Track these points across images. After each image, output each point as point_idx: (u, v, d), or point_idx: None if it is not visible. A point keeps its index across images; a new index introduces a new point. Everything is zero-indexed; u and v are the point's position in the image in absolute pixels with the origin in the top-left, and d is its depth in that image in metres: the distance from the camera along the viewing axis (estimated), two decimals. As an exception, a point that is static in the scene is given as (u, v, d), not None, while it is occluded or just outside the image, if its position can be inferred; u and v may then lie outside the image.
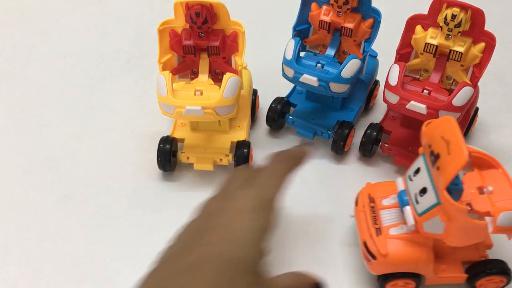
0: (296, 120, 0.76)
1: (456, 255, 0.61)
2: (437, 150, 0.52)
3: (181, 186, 0.73)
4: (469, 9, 0.63)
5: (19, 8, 1.03)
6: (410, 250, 0.57)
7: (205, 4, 0.66)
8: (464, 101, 0.63)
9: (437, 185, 0.52)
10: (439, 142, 0.52)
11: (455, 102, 0.63)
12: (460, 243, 0.55)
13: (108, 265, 0.65)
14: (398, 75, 0.66)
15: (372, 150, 0.74)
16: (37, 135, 0.80)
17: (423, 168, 0.55)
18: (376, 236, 0.58)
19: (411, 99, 0.64)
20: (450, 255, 0.60)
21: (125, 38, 0.70)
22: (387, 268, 0.59)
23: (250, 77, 0.80)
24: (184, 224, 0.46)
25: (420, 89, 0.67)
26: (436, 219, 0.53)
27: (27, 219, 0.69)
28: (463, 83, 0.64)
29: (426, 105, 0.63)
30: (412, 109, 0.64)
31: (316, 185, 0.73)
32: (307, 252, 0.66)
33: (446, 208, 0.51)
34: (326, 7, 0.72)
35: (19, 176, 0.74)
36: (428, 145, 0.54)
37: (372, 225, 0.59)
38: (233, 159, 0.71)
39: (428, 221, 0.54)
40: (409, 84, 0.68)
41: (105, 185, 0.73)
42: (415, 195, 0.56)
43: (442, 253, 0.60)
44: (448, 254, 0.60)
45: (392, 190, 0.61)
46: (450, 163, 0.50)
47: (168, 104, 0.65)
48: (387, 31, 0.77)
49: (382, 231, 0.58)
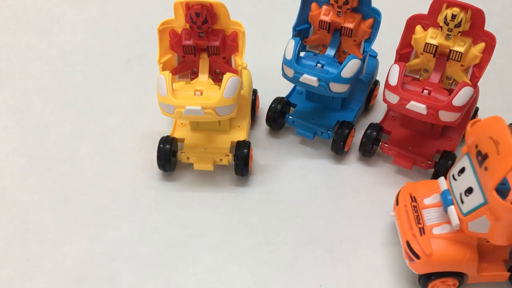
0: (296, 120, 0.76)
1: (498, 253, 0.61)
2: (485, 150, 0.52)
3: (181, 186, 0.73)
4: (469, 9, 0.63)
5: (19, 8, 1.03)
6: (455, 249, 0.57)
7: (205, 4, 0.66)
8: (464, 101, 0.63)
9: (484, 185, 0.53)
10: (487, 142, 0.52)
11: (455, 102, 0.63)
12: (505, 241, 0.56)
13: (108, 265, 0.65)
14: (398, 75, 0.66)
15: (372, 150, 0.74)
16: (37, 135, 0.80)
17: (469, 168, 0.56)
18: (420, 236, 0.58)
19: (411, 99, 0.64)
20: (492, 253, 0.61)
21: (125, 38, 0.70)
22: (431, 268, 0.59)
23: (250, 77, 0.80)
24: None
25: (420, 89, 0.67)
26: (482, 218, 0.53)
27: (27, 219, 0.69)
28: (463, 83, 0.64)
29: (426, 105, 0.63)
30: (412, 109, 0.64)
31: (316, 185, 0.73)
32: (307, 252, 0.66)
33: (494, 207, 0.52)
34: (326, 7, 0.72)
35: (19, 176, 0.74)
36: (475, 145, 0.55)
37: (415, 224, 0.59)
38: (233, 159, 0.71)
39: (474, 220, 0.54)
40: (409, 84, 0.68)
41: (105, 185, 0.73)
42: (460, 195, 0.56)
43: (484, 252, 0.60)
44: (490, 252, 0.61)
45: (433, 189, 0.61)
46: (500, 163, 0.50)
47: (168, 104, 0.65)
48: (387, 31, 0.77)
49: (425, 230, 0.59)
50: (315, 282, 0.63)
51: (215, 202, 0.71)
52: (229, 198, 0.72)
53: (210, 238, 0.67)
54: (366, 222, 0.69)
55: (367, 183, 0.73)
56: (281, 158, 0.77)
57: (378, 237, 0.67)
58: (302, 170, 0.75)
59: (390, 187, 0.72)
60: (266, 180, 0.74)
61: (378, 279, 0.63)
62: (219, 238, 0.67)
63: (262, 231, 0.68)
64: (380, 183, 0.73)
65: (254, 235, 0.68)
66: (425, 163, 0.71)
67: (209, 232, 0.68)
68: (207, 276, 0.64)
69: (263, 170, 0.75)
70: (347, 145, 0.75)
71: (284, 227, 0.68)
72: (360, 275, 0.64)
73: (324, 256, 0.65)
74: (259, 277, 0.63)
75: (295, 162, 0.76)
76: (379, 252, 0.66)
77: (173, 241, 0.67)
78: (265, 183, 0.73)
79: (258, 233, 0.68)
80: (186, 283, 0.63)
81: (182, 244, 0.67)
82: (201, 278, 0.63)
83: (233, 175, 0.73)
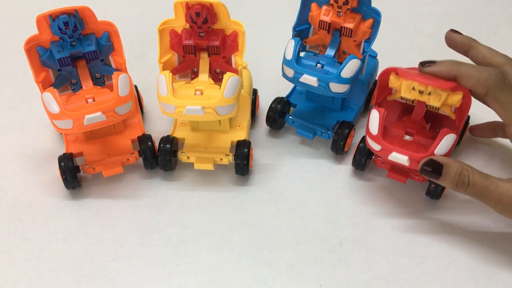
0: (296, 120, 0.76)
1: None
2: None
3: (181, 186, 0.73)
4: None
5: (19, 8, 1.03)
6: None
7: (205, 4, 0.66)
8: (447, 149, 0.62)
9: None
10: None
11: (438, 152, 0.62)
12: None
13: (108, 265, 0.65)
14: (379, 123, 0.64)
15: (366, 164, 0.73)
16: (37, 135, 0.80)
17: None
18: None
19: (392, 150, 0.63)
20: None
21: (125, 38, 0.70)
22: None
23: (250, 76, 0.80)
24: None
25: (402, 132, 0.67)
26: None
27: (27, 219, 0.69)
28: (445, 131, 0.63)
29: (408, 156, 0.62)
30: (394, 160, 0.63)
31: (316, 185, 0.73)
32: (307, 252, 0.66)
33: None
34: (326, 7, 0.72)
35: (19, 176, 0.74)
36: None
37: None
38: (233, 159, 0.71)
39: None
40: (391, 126, 0.68)
41: (105, 185, 0.73)
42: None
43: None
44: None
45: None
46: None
47: (168, 104, 0.65)
48: (387, 31, 0.77)
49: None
50: (315, 282, 0.63)
51: (215, 201, 0.71)
52: (229, 198, 0.72)
53: (210, 238, 0.67)
54: (366, 222, 0.69)
55: (367, 183, 0.73)
56: (281, 158, 0.77)
57: (378, 237, 0.67)
58: (302, 170, 0.75)
59: (390, 187, 0.72)
60: (266, 180, 0.74)
61: (378, 279, 0.63)
62: (219, 238, 0.67)
63: (262, 231, 0.68)
64: (380, 183, 0.73)
65: (254, 235, 0.68)
66: (419, 176, 0.69)
67: (209, 232, 0.68)
68: (207, 276, 0.64)
69: (263, 170, 0.75)
70: (347, 145, 0.75)
71: (284, 227, 0.68)
72: (360, 275, 0.64)
73: (324, 256, 0.65)
74: (259, 277, 0.63)
75: (295, 162, 0.76)
76: (379, 252, 0.66)
77: (173, 241, 0.67)
78: (265, 183, 0.73)
79: (258, 233, 0.68)
80: (186, 283, 0.63)
81: (182, 244, 0.67)
82: (201, 278, 0.63)
83: (233, 174, 0.73)
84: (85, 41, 0.68)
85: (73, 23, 0.65)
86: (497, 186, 0.59)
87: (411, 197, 0.71)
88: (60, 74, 0.70)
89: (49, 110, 0.64)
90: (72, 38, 0.66)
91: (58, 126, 0.65)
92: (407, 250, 0.66)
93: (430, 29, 0.96)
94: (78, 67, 0.70)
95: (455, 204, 0.70)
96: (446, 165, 0.60)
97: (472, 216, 0.69)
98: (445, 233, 0.67)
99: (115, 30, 0.69)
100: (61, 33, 0.65)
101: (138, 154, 0.72)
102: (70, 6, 0.65)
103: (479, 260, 0.65)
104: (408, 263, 0.65)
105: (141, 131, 0.74)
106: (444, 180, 0.61)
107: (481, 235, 0.67)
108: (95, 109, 0.64)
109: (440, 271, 0.64)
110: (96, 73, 0.71)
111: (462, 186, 0.60)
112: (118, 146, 0.73)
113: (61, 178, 0.69)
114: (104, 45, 0.69)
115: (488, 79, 0.59)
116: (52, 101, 0.64)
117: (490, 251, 0.65)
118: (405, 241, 0.67)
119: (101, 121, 0.64)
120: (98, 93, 0.67)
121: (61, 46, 0.67)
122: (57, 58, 0.67)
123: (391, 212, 0.70)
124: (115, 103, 0.64)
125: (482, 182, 0.60)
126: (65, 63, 0.68)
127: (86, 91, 0.69)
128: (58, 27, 0.65)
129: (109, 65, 0.72)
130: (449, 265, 0.64)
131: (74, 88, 0.71)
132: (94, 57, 0.69)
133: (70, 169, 0.68)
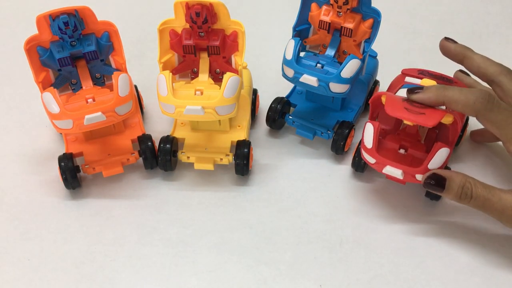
0: (296, 120, 0.76)
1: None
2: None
3: (181, 186, 0.73)
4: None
5: (19, 8, 1.03)
6: None
7: (205, 4, 0.66)
8: (440, 163, 0.63)
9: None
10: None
11: (431, 166, 0.62)
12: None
13: (108, 265, 0.65)
14: (373, 137, 0.65)
15: (365, 166, 0.73)
16: (37, 135, 0.80)
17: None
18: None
19: (387, 164, 0.64)
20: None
21: (125, 38, 0.70)
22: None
23: (250, 76, 0.80)
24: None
25: (397, 145, 0.67)
26: None
27: (27, 219, 0.69)
28: (439, 145, 0.63)
29: (402, 170, 0.63)
30: (388, 174, 0.64)
31: (316, 185, 0.73)
32: (307, 252, 0.66)
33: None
34: (326, 7, 0.72)
35: (19, 176, 0.74)
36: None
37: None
38: (233, 159, 0.71)
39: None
40: (386, 140, 0.68)
41: (105, 185, 0.73)
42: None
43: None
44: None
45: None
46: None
47: (168, 104, 0.65)
48: (387, 31, 0.77)
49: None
50: (315, 282, 0.63)
51: (215, 201, 0.71)
52: (229, 198, 0.72)
53: (210, 238, 0.67)
54: (366, 222, 0.69)
55: (367, 183, 0.73)
56: (281, 158, 0.77)
57: (378, 237, 0.67)
58: (302, 170, 0.75)
59: (390, 187, 0.72)
60: (266, 180, 0.74)
61: (378, 279, 0.63)
62: (219, 238, 0.67)
63: (262, 231, 0.68)
64: (379, 183, 0.73)
65: (254, 235, 0.68)
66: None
67: (209, 232, 0.68)
68: (207, 276, 0.64)
69: (263, 170, 0.75)
70: (347, 145, 0.75)
71: (284, 227, 0.68)
72: (360, 275, 0.64)
73: (324, 256, 0.65)
74: (259, 277, 0.63)
75: (295, 162, 0.76)
76: (379, 252, 0.66)
77: (173, 241, 0.67)
78: (265, 183, 0.73)
79: (258, 233, 0.68)
80: (186, 283, 0.63)
81: (182, 244, 0.67)
82: (201, 278, 0.63)
83: (233, 174, 0.73)
84: (85, 41, 0.68)
85: (73, 23, 0.65)
86: (500, 199, 0.60)
87: (411, 197, 0.71)
88: (60, 74, 0.70)
89: (49, 110, 0.64)
90: (72, 38, 0.66)
91: (58, 126, 0.65)
92: (407, 250, 0.66)
93: (430, 29, 0.96)
94: (78, 67, 0.70)
95: (454, 205, 0.70)
96: (449, 178, 0.61)
97: (472, 216, 0.69)
98: (445, 233, 0.67)
99: (115, 30, 0.69)
100: (61, 33, 0.66)
101: (138, 154, 0.72)
102: (70, 6, 0.65)
103: (479, 260, 0.65)
104: (408, 263, 0.65)
105: (141, 131, 0.75)
106: (448, 193, 0.61)
107: (481, 235, 0.67)
108: (95, 109, 0.64)
109: (440, 271, 0.64)
110: (96, 73, 0.71)
111: (466, 199, 0.61)
112: (118, 146, 0.73)
113: (61, 178, 0.69)
114: (104, 45, 0.69)
115: (476, 102, 0.59)
116: (52, 101, 0.64)
117: (490, 251, 0.65)
118: (405, 241, 0.67)
119: (101, 121, 0.64)
120: (98, 93, 0.67)
121: (61, 46, 0.67)
122: (57, 58, 0.67)
123: (391, 212, 0.70)
124: (115, 103, 0.64)
125: (485, 194, 0.60)
126: (65, 63, 0.68)
127: (86, 91, 0.69)
128: (58, 27, 0.65)
129: (109, 65, 0.72)
130: (449, 265, 0.64)
131: (74, 88, 0.71)
132: (94, 57, 0.69)
133: (70, 169, 0.68)
